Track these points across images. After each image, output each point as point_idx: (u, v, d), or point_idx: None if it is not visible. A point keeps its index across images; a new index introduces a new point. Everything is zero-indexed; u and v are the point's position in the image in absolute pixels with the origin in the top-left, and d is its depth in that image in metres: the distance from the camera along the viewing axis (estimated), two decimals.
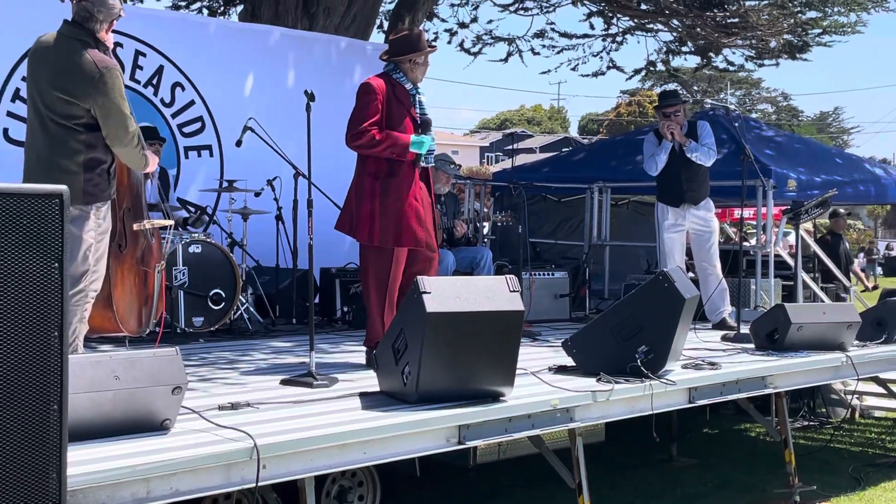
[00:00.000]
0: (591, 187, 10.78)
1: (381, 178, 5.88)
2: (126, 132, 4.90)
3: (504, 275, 4.93)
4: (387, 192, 5.86)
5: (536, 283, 8.83)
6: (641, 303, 5.51)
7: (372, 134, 5.79)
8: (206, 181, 8.78)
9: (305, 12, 11.06)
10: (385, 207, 5.84)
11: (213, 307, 7.29)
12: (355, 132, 5.83)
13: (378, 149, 5.81)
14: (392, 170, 5.88)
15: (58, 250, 2.50)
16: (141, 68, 8.65)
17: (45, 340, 2.57)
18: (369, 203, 5.88)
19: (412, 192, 5.90)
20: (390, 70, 6.03)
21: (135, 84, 8.61)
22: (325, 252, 7.90)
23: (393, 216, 5.83)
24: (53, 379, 2.61)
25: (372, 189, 5.89)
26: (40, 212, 2.49)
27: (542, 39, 14.27)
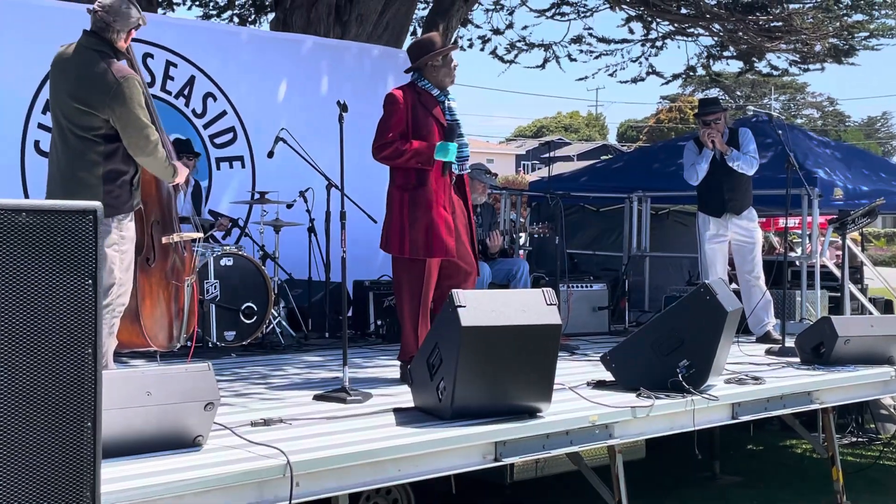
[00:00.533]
0: (630, 197, 10.75)
1: (409, 189, 5.92)
2: (147, 141, 4.95)
3: (541, 287, 4.93)
4: (415, 203, 5.89)
5: (574, 295, 8.82)
6: (683, 316, 5.49)
7: (396, 145, 5.84)
8: (237, 193, 8.85)
9: (338, 20, 11.14)
10: (414, 219, 5.87)
11: (244, 321, 7.34)
12: (379, 144, 5.90)
13: (402, 159, 5.85)
14: (420, 180, 5.91)
15: (92, 267, 2.55)
16: (172, 79, 8.74)
17: (79, 357, 2.62)
18: (398, 215, 5.92)
19: (442, 202, 5.92)
20: (415, 79, 6.07)
21: (166, 95, 8.70)
22: (358, 264, 7.94)
23: (422, 227, 5.86)
24: (87, 396, 2.66)
25: (401, 201, 5.93)
26: (74, 228, 2.54)
27: (579, 45, 14.28)
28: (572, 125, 72.43)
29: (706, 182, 8.17)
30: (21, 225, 2.52)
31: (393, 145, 5.84)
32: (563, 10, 13.96)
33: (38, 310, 2.55)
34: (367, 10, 11.27)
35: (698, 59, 14.43)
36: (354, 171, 7.83)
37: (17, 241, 2.53)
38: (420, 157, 5.84)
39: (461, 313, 4.45)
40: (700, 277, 8.19)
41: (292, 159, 7.94)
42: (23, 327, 2.56)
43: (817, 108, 57.17)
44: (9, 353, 2.57)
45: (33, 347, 2.58)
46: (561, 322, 4.69)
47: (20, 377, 2.59)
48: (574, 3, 13.98)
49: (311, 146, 7.88)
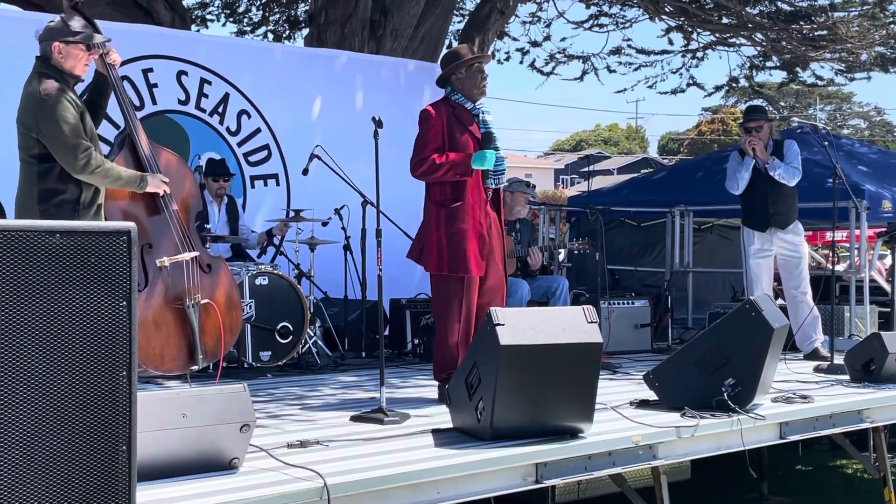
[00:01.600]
0: (672, 211, 10.71)
1: (445, 205, 5.92)
2: (75, 159, 4.99)
3: (581, 305, 4.91)
4: (452, 219, 5.89)
5: (616, 312, 8.77)
6: (728, 333, 5.45)
7: (432, 159, 5.85)
8: (272, 211, 8.90)
9: (372, 35, 11.19)
10: (451, 234, 5.87)
11: (280, 341, 7.37)
12: (416, 161, 5.92)
13: (440, 173, 5.86)
14: (457, 195, 5.91)
15: (126, 288, 2.57)
16: (206, 96, 8.81)
17: (114, 379, 2.63)
18: (435, 231, 5.93)
19: (478, 218, 5.93)
20: (449, 93, 6.09)
21: (200, 113, 8.78)
22: (394, 282, 7.94)
23: (459, 243, 5.86)
24: (122, 419, 2.68)
25: (437, 216, 5.93)
26: (108, 249, 2.57)
27: (618, 56, 14.27)
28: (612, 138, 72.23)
29: (750, 195, 8.11)
30: (54, 247, 2.55)
31: (429, 160, 5.86)
32: (602, 21, 13.96)
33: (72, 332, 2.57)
34: (401, 25, 11.32)
35: (740, 70, 14.38)
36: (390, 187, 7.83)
37: (50, 263, 2.55)
38: (457, 167, 5.85)
39: (500, 332, 4.45)
40: (745, 293, 8.12)
41: (327, 176, 7.99)
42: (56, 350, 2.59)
43: (864, 118, 56.65)
44: (43, 376, 2.60)
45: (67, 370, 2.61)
46: (602, 340, 4.67)
47: (55, 400, 2.61)
48: (612, 14, 13.98)
49: (346, 163, 7.93)
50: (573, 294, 8.96)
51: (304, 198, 8.73)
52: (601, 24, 14.00)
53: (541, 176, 57.99)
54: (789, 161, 8.00)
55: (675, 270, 10.56)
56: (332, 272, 8.36)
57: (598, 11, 13.95)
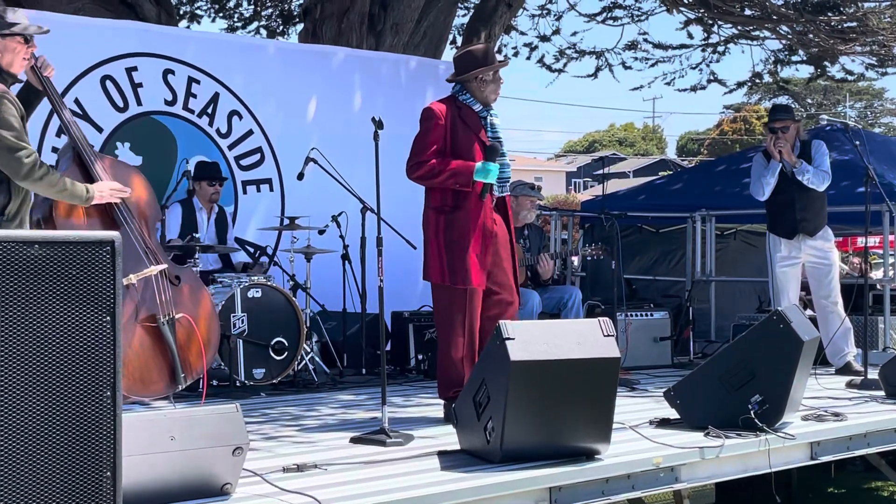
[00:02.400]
0: (692, 216, 10.69)
1: (445, 211, 5.91)
2: (19, 164, 4.95)
3: (596, 317, 4.91)
4: (452, 227, 5.88)
5: (633, 325, 8.76)
6: (754, 346, 5.44)
7: (432, 163, 5.83)
8: (265, 218, 8.90)
9: (371, 30, 11.20)
10: (451, 243, 5.86)
11: (275, 357, 7.36)
12: (414, 163, 5.90)
13: (439, 179, 5.84)
14: (458, 202, 5.90)
15: (110, 302, 2.56)
16: (195, 96, 8.82)
17: (98, 400, 2.63)
18: (434, 239, 5.92)
19: (480, 226, 5.91)
20: (457, 92, 6.07)
21: (188, 114, 8.78)
22: (396, 294, 7.94)
23: (460, 253, 5.85)
24: (106, 442, 2.67)
25: (436, 224, 5.92)
26: (90, 260, 2.56)
27: (633, 51, 14.27)
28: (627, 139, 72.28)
29: (776, 200, 8.09)
30: (33, 258, 2.54)
31: (428, 164, 5.84)
32: (616, 13, 13.96)
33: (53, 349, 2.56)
34: (402, 19, 11.33)
35: (764, 65, 14.38)
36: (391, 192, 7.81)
37: (29, 275, 2.54)
38: (458, 177, 5.83)
39: (510, 346, 4.44)
40: (772, 303, 8.10)
41: (324, 181, 7.99)
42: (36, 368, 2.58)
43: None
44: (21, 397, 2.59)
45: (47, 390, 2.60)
46: (619, 355, 4.66)
47: (34, 424, 2.60)
48: (627, 6, 13.99)
49: (344, 167, 7.93)
50: (587, 305, 8.94)
51: (300, 204, 8.73)
52: (615, 16, 14.00)
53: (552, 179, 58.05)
54: (818, 164, 7.96)
55: (696, 279, 10.54)
56: (330, 283, 8.36)
57: (611, 3, 13.97)
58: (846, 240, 16.93)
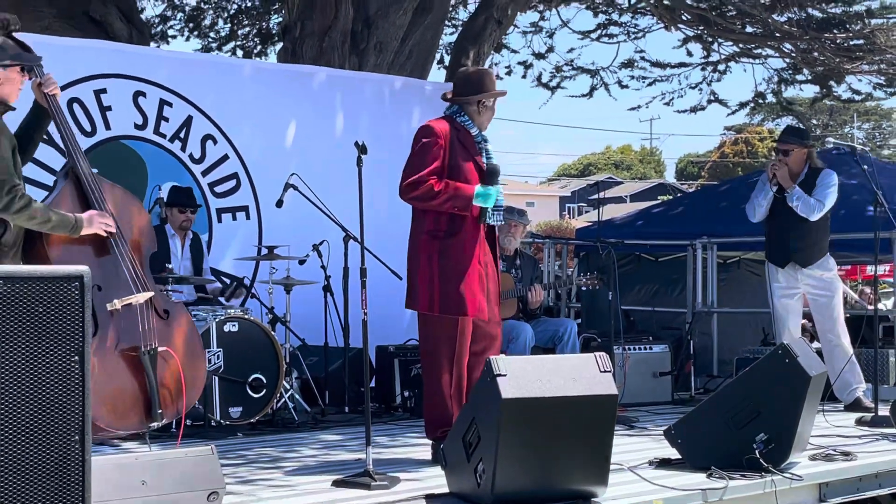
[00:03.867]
0: (693, 243, 10.72)
1: (439, 237, 5.91)
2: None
3: (593, 351, 4.91)
4: (447, 254, 5.88)
5: (631, 359, 8.76)
6: (758, 382, 5.45)
7: (430, 184, 5.82)
8: (242, 248, 8.89)
9: (354, 49, 11.24)
10: (445, 271, 5.86)
11: (252, 395, 7.34)
12: (410, 181, 5.86)
13: (437, 201, 5.84)
14: (453, 227, 5.90)
15: (78, 341, 2.55)
16: (166, 120, 8.82)
17: (65, 446, 2.61)
18: (427, 266, 5.90)
19: (477, 254, 5.92)
20: (454, 113, 6.09)
21: (159, 138, 8.77)
22: (381, 327, 7.91)
23: (454, 281, 5.84)
24: (74, 490, 2.65)
25: (429, 250, 5.92)
26: (57, 297, 2.55)
27: (630, 70, 14.37)
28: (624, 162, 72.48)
29: (771, 225, 8.12)
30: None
31: (426, 184, 5.82)
32: (611, 31, 14.07)
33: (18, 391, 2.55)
34: (387, 37, 11.37)
35: (768, 85, 14.47)
36: (375, 220, 7.86)
37: None
38: (457, 201, 5.83)
39: (501, 383, 4.44)
40: (775, 336, 8.12)
41: (304, 209, 7.99)
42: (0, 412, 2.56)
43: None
44: None
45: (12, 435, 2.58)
46: (617, 391, 4.66)
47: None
48: (623, 22, 14.08)
49: (325, 193, 7.94)
50: (583, 339, 8.94)
51: (279, 233, 8.72)
52: (610, 34, 14.11)
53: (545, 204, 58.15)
54: (816, 193, 7.93)
55: (697, 311, 10.55)
56: (311, 316, 8.34)
57: (606, 20, 14.07)
58: (854, 268, 16.97)
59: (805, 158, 8.10)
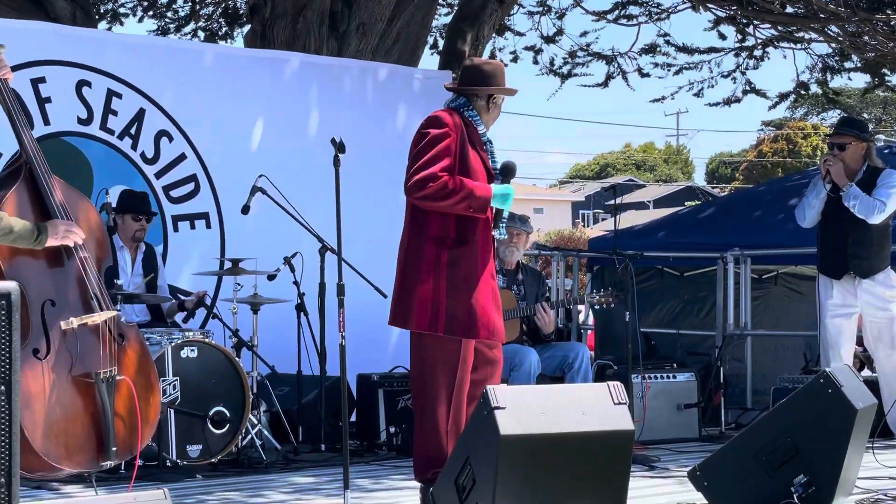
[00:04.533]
0: (724, 256, 10.72)
1: (447, 245, 5.90)
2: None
3: (607, 380, 4.92)
4: (457, 264, 5.86)
5: (652, 389, 8.77)
6: (798, 416, 5.45)
7: (444, 181, 5.81)
8: (202, 261, 8.88)
9: (332, 32, 11.25)
10: (454, 284, 5.85)
11: (213, 431, 7.34)
12: (420, 178, 5.83)
13: (450, 201, 5.83)
14: (463, 234, 5.91)
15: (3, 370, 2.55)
16: (115, 114, 8.82)
17: None
18: (432, 277, 5.88)
19: (489, 266, 5.94)
20: (461, 106, 6.11)
21: (107, 135, 8.77)
22: (363, 352, 7.93)
23: (464, 297, 5.84)
24: None
25: (436, 259, 5.90)
26: None
27: (653, 56, 14.33)
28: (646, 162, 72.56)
29: (826, 231, 8.09)
30: None
31: (440, 181, 5.81)
32: (631, 11, 14.04)
33: None
34: (370, 18, 11.37)
35: (811, 73, 14.45)
36: (357, 229, 7.86)
37: None
38: (474, 201, 5.83)
39: (500, 418, 4.44)
40: (820, 362, 8.12)
41: (274, 216, 8.01)
42: None
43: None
44: None
45: None
46: (634, 426, 4.66)
47: None
48: (644, 2, 14.07)
49: (298, 198, 7.95)
50: (596, 366, 8.95)
51: (244, 244, 8.73)
52: (629, 14, 14.08)
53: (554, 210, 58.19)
54: (876, 192, 7.93)
55: (729, 334, 10.55)
56: (282, 340, 8.34)
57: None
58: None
59: (863, 155, 8.09)
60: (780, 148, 54.06)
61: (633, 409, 6.31)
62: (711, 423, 9.37)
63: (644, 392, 8.64)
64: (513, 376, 7.82)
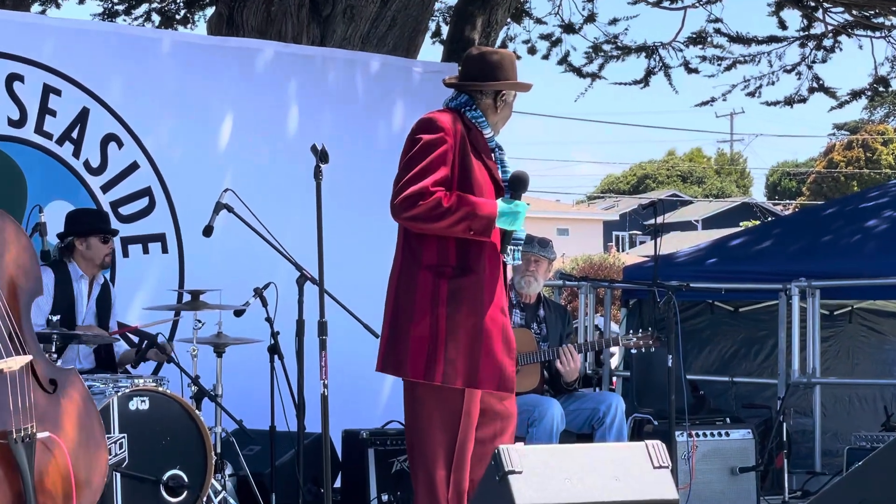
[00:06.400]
0: (787, 287, 10.72)
1: (447, 274, 5.91)
2: None
3: (645, 438, 4.92)
4: (458, 298, 5.88)
5: (701, 449, 8.76)
6: (878, 482, 5.44)
7: (437, 198, 5.82)
8: (156, 293, 8.89)
9: (315, 17, 11.27)
10: (455, 323, 5.86)
11: (168, 499, 7.33)
12: (410, 193, 5.84)
13: (445, 222, 5.84)
14: (466, 261, 5.91)
15: None
16: (53, 114, 8.83)
17: None
18: (428, 315, 5.90)
19: (498, 300, 5.93)
20: (462, 105, 6.12)
21: (44, 140, 8.78)
22: (349, 405, 7.93)
23: (468, 338, 5.85)
24: None
25: (433, 292, 5.91)
26: None
27: (701, 47, 14.36)
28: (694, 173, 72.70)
29: None
30: None
31: (432, 198, 5.81)
32: None
33: None
34: (360, 0, 11.39)
35: (892, 66, 14.47)
36: (342, 254, 7.85)
37: None
38: (475, 221, 5.83)
39: (515, 484, 4.44)
40: None
41: (242, 238, 8.00)
42: None
43: None
44: None
45: None
46: (677, 495, 4.66)
47: None
48: None
49: (272, 217, 7.94)
50: (633, 421, 8.94)
51: (207, 272, 8.75)
52: None
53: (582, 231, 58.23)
54: None
55: (793, 382, 10.54)
56: (252, 389, 8.34)
57: None
58: None
59: None
60: (854, 156, 54.12)
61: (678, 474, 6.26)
62: (773, 490, 9.37)
63: (691, 453, 8.63)
64: (531, 433, 7.81)
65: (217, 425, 7.88)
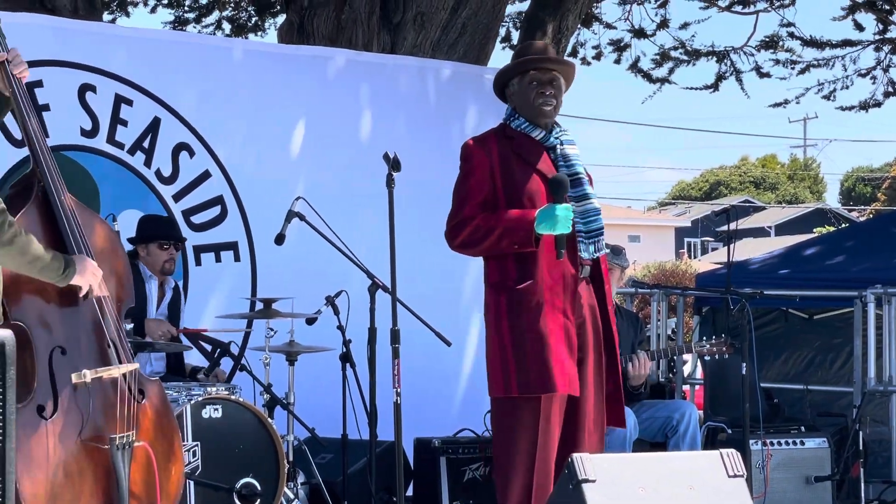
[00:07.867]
0: (863, 295, 10.65)
1: (506, 288, 5.92)
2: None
3: (720, 447, 4.91)
4: (518, 308, 5.89)
5: (775, 458, 8.71)
6: None
7: (475, 224, 5.86)
8: (228, 301, 8.93)
9: (385, 24, 11.28)
10: (519, 332, 5.86)
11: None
12: (451, 226, 5.97)
13: (488, 242, 5.87)
14: (524, 272, 5.92)
15: None
16: (124, 124, 8.87)
17: None
18: (495, 331, 5.92)
19: (563, 305, 5.92)
20: (508, 117, 6.14)
21: (115, 149, 8.82)
22: (421, 413, 7.92)
23: (531, 347, 5.85)
24: None
25: (496, 308, 5.94)
26: None
27: (774, 52, 14.29)
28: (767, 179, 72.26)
29: None
30: None
31: (472, 224, 5.85)
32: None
33: None
34: (430, 7, 11.38)
35: None
36: (414, 262, 7.86)
37: None
38: (514, 234, 5.85)
39: (588, 493, 4.43)
40: None
41: (315, 246, 8.02)
42: None
43: None
44: None
45: None
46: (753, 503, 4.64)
47: None
48: None
49: (344, 225, 7.96)
50: (707, 429, 8.90)
51: (279, 280, 8.77)
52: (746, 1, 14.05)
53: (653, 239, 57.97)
54: None
55: (869, 390, 10.46)
56: (324, 397, 8.36)
57: None
58: None
59: None
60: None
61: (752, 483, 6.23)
62: (848, 500, 9.30)
63: (765, 462, 8.59)
64: (605, 442, 7.80)
65: (289, 433, 7.90)
